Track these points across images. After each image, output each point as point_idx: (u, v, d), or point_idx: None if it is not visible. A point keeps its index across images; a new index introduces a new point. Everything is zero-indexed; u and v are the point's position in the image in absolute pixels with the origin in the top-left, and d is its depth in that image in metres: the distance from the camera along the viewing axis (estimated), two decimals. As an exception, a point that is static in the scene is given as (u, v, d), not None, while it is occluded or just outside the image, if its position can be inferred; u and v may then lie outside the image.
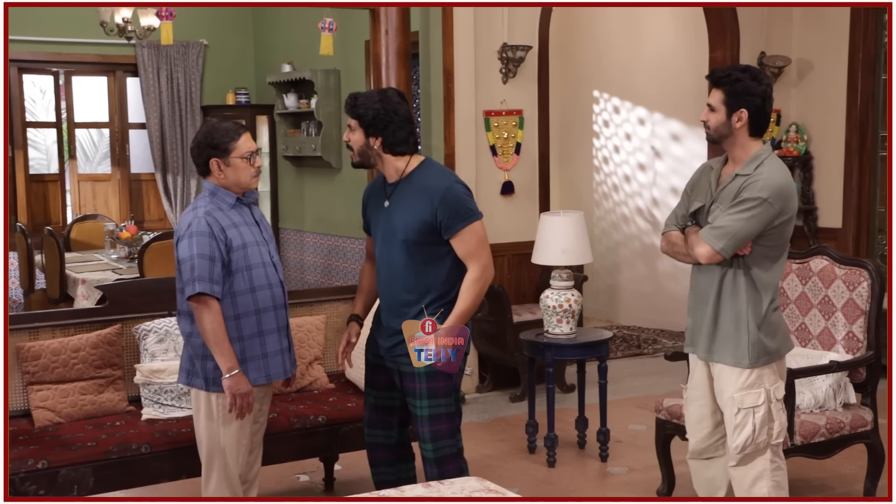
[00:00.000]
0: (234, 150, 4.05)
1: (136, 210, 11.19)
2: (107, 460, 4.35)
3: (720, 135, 4.09)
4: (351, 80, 9.63)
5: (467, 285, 4.00)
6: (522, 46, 7.39)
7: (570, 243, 5.74)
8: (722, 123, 4.06)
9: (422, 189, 4.00)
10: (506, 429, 6.56)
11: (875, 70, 7.89)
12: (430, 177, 4.04)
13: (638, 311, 10.05)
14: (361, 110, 4.01)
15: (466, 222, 3.97)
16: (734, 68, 4.11)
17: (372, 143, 4.03)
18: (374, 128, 4.00)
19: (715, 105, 4.06)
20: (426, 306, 4.01)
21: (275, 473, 5.48)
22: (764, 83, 4.05)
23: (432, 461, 4.10)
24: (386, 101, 4.01)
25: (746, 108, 4.02)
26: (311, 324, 5.30)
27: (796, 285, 5.14)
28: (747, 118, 4.02)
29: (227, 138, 4.05)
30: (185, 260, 3.96)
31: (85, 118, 11.50)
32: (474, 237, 4.00)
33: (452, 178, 4.07)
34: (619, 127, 10.19)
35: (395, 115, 4.00)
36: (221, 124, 4.11)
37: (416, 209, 3.99)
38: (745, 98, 4.01)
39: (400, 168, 4.07)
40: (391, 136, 4.01)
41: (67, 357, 4.67)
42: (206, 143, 4.06)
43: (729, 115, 4.03)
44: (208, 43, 11.24)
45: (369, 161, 4.08)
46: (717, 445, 4.39)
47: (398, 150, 4.04)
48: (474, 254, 4.00)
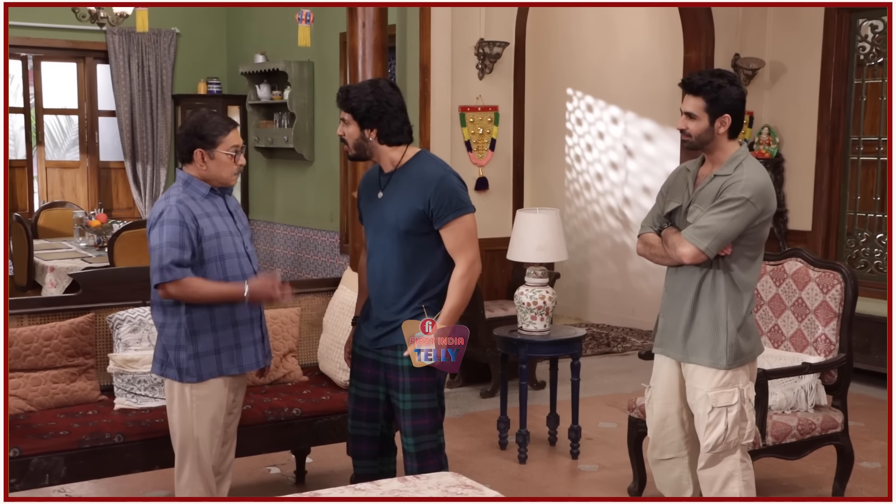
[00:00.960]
0: (221, 144, 4.02)
1: (104, 198, 11.11)
2: (79, 449, 4.31)
3: (703, 141, 4.08)
4: (325, 72, 9.60)
5: (455, 282, 3.99)
6: (499, 42, 7.40)
7: (545, 240, 5.74)
8: (705, 130, 4.06)
9: (416, 179, 3.99)
10: (477, 424, 6.56)
11: (848, 74, 7.96)
12: (425, 167, 4.03)
13: (607, 310, 10.09)
14: (355, 103, 3.98)
15: (458, 213, 3.97)
16: (711, 74, 4.07)
17: (367, 136, 4.01)
18: (368, 120, 3.99)
19: (696, 112, 4.05)
20: (414, 298, 4.00)
21: (245, 465, 5.45)
22: (740, 86, 4.08)
23: (413, 455, 4.10)
24: (378, 93, 3.99)
25: (729, 113, 4.03)
26: (285, 316, 5.28)
27: (770, 287, 5.17)
28: (730, 122, 4.04)
29: (216, 131, 4.02)
30: (155, 248, 3.94)
31: (54, 104, 11.39)
32: (464, 230, 3.99)
33: (448, 169, 4.06)
34: (591, 125, 10.22)
35: (388, 106, 3.99)
36: (213, 116, 4.09)
37: (410, 199, 3.98)
38: (727, 103, 4.02)
39: (395, 159, 4.06)
40: (386, 126, 3.99)
41: (39, 345, 4.62)
42: (194, 132, 4.03)
43: (712, 121, 4.04)
44: (180, 31, 11.17)
45: (365, 153, 4.06)
46: (680, 445, 4.41)
47: (394, 140, 4.03)
48: (462, 247, 3.99)
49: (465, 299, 4.01)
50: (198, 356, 4.01)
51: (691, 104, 4.06)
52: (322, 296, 5.46)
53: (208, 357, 4.03)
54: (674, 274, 4.26)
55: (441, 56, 7.27)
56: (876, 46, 7.80)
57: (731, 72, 4.21)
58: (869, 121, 7.94)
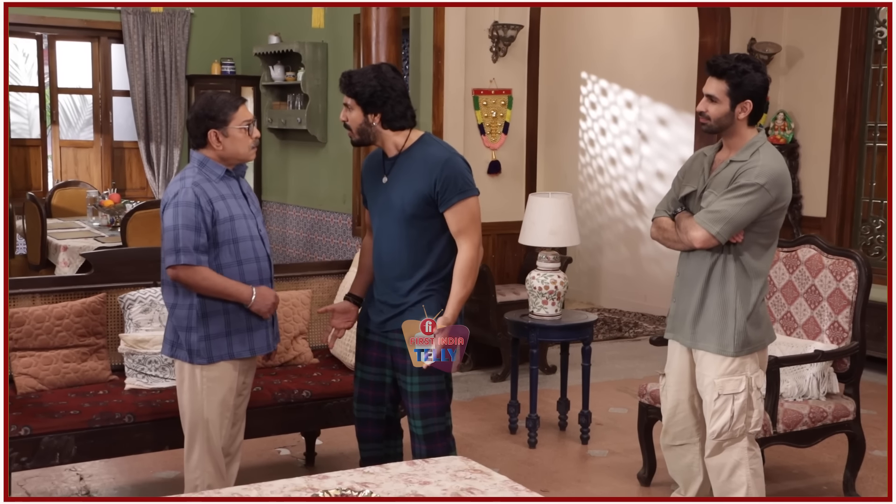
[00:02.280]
0: (233, 121, 4.02)
1: (118, 178, 11.12)
2: (90, 429, 4.32)
3: (721, 125, 4.06)
4: (339, 54, 9.57)
5: (460, 268, 3.98)
6: (513, 25, 7.36)
7: (558, 225, 5.73)
8: (725, 114, 4.03)
9: (421, 161, 3.99)
10: (487, 408, 6.56)
11: (865, 60, 7.90)
12: (429, 150, 4.03)
13: (619, 295, 10.07)
14: (358, 88, 3.98)
15: (463, 196, 3.96)
16: (737, 58, 4.04)
17: (371, 121, 4.01)
18: (372, 105, 3.98)
19: (717, 96, 4.02)
20: (419, 282, 4.01)
21: (255, 447, 5.47)
22: (764, 73, 4.05)
23: (421, 438, 4.10)
24: (382, 77, 3.98)
25: (751, 99, 4.00)
26: (296, 298, 5.27)
27: (783, 274, 5.15)
28: (751, 109, 4.01)
29: (226, 108, 4.02)
30: (169, 229, 3.94)
31: (68, 84, 11.38)
32: (468, 212, 3.99)
33: (452, 151, 4.06)
34: (606, 109, 10.18)
35: (391, 91, 3.98)
36: (219, 96, 4.08)
37: (415, 182, 3.97)
38: (750, 89, 3.99)
39: (399, 143, 4.05)
40: (390, 111, 3.99)
41: (51, 324, 4.63)
42: (204, 114, 4.02)
43: (733, 106, 4.01)
44: (194, 12, 11.14)
45: (368, 138, 4.06)
46: (691, 431, 4.40)
47: (397, 125, 4.02)
48: (466, 230, 3.99)
49: (471, 286, 4.02)
50: (209, 338, 4.01)
51: (714, 87, 4.03)
52: (333, 278, 5.45)
53: (219, 339, 4.03)
54: (686, 259, 4.24)
55: (455, 39, 7.24)
56: (894, 32, 7.74)
57: (757, 59, 4.17)
58: (886, 107, 7.87)
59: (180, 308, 4.03)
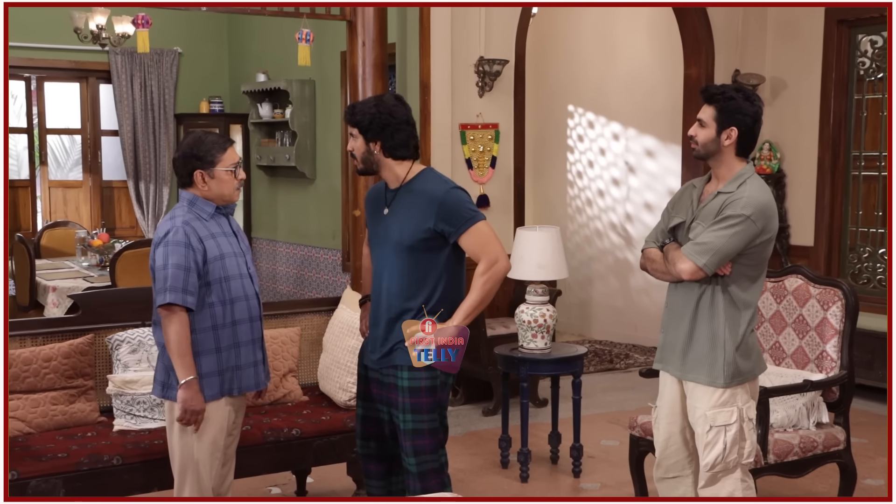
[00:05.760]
0: (220, 163, 4.03)
1: (107, 217, 11.11)
2: (78, 472, 4.31)
3: (708, 151, 4.09)
4: (326, 91, 9.61)
5: (475, 279, 4.01)
6: (499, 60, 7.41)
7: (546, 258, 5.74)
8: (711, 140, 4.06)
9: (420, 195, 4.01)
10: (479, 443, 6.54)
11: (848, 90, 7.97)
12: (429, 183, 4.05)
13: (610, 326, 10.07)
14: (359, 117, 4.03)
15: (470, 224, 3.98)
16: (729, 87, 4.11)
17: (372, 149, 4.04)
18: (372, 132, 4.01)
19: (706, 121, 4.06)
20: (418, 313, 4.01)
21: (246, 486, 5.44)
22: (756, 104, 4.07)
23: (415, 475, 4.09)
24: (381, 105, 4.03)
25: (737, 127, 4.03)
26: (285, 336, 5.27)
27: (771, 304, 5.16)
28: (737, 137, 4.04)
29: (213, 150, 4.02)
30: (160, 269, 3.94)
31: (57, 124, 11.40)
32: (480, 234, 4.00)
33: (451, 185, 4.07)
34: (593, 142, 10.22)
35: (391, 118, 4.01)
36: (207, 136, 4.09)
37: (415, 215, 3.99)
38: (737, 116, 4.02)
39: (400, 175, 4.07)
40: (389, 138, 4.02)
41: (38, 367, 4.62)
42: (191, 154, 4.03)
43: (719, 132, 4.04)
44: (182, 51, 11.19)
45: (372, 167, 4.09)
46: (683, 464, 4.38)
47: (399, 153, 4.05)
48: (483, 250, 4.00)
49: (486, 296, 4.02)
50: (200, 377, 3.99)
51: (704, 112, 4.08)
52: (322, 315, 5.45)
53: (211, 378, 4.01)
54: (674, 290, 4.25)
55: (441, 74, 7.28)
56: (875, 62, 7.80)
57: (752, 91, 4.21)
58: (870, 136, 7.93)
59: None
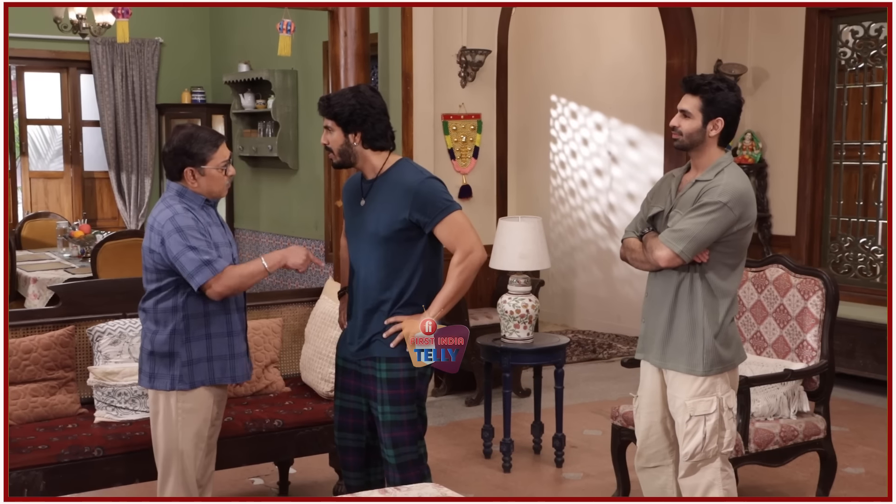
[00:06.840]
0: (211, 161, 4.00)
1: (88, 209, 11.06)
2: (58, 464, 4.28)
3: (693, 141, 4.09)
4: (308, 81, 9.59)
5: (450, 271, 4.00)
6: (481, 50, 7.40)
7: (528, 249, 5.74)
8: (697, 130, 4.06)
9: (396, 185, 4.00)
10: (462, 433, 6.55)
11: (829, 80, 7.99)
12: (404, 174, 4.04)
13: (593, 316, 10.09)
14: (337, 109, 3.99)
15: (444, 214, 3.97)
16: (713, 77, 4.11)
17: (352, 141, 4.01)
18: (352, 124, 3.99)
19: (691, 111, 4.06)
20: (395, 303, 4.01)
21: (229, 477, 5.44)
22: (738, 94, 4.09)
23: (394, 466, 4.09)
24: (360, 96, 4.00)
25: (723, 118, 4.04)
26: (267, 326, 5.26)
27: (752, 293, 5.18)
28: (722, 127, 4.05)
29: (205, 148, 3.99)
30: (181, 253, 3.89)
31: (37, 115, 11.34)
32: (455, 225, 3.99)
33: (427, 175, 4.06)
34: (576, 132, 10.22)
35: (371, 109, 4.00)
36: (200, 133, 4.03)
37: (390, 206, 3.98)
38: (723, 107, 4.03)
39: (377, 166, 4.06)
40: (370, 129, 4.00)
41: (19, 358, 4.59)
42: (182, 151, 3.99)
43: (705, 122, 4.05)
44: (164, 41, 11.14)
45: (350, 160, 4.06)
46: (664, 453, 4.40)
47: (378, 144, 4.03)
48: (457, 240, 3.99)
49: (461, 287, 4.03)
50: (191, 363, 3.99)
51: (688, 102, 4.08)
52: (304, 306, 5.44)
53: (200, 364, 4.01)
54: (653, 279, 4.26)
55: (423, 64, 7.26)
56: (857, 52, 7.82)
57: (733, 80, 4.22)
58: (851, 126, 7.96)
59: (161, 333, 3.99)
